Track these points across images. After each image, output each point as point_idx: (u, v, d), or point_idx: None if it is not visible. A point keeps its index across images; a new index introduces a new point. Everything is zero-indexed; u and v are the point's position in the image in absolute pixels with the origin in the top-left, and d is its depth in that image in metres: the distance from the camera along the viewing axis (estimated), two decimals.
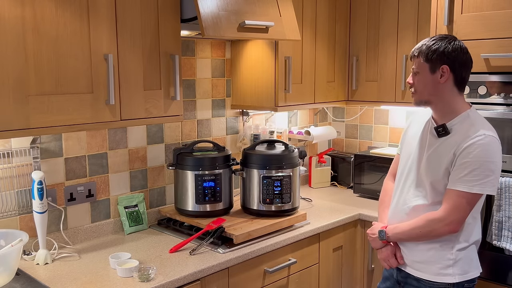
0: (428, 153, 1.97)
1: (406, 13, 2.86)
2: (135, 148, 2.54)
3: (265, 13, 2.37)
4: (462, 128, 1.89)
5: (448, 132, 1.92)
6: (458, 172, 1.85)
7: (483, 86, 2.36)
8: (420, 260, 1.98)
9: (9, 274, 1.79)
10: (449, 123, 1.93)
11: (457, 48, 1.90)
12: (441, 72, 1.90)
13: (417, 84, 1.96)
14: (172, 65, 2.19)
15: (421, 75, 1.94)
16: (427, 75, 1.92)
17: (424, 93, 1.95)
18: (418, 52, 1.94)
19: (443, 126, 1.93)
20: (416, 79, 1.96)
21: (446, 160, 1.89)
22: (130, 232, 2.46)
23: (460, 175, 1.84)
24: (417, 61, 1.94)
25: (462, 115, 1.92)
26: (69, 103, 1.86)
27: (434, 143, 1.96)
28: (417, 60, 1.94)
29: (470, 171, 1.82)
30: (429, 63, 1.91)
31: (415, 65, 1.95)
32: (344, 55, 3.13)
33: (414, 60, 1.96)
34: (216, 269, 2.09)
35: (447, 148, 1.90)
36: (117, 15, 1.98)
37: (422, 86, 1.94)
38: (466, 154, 1.83)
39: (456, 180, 1.86)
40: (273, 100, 2.73)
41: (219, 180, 2.46)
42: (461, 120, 1.91)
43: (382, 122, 3.43)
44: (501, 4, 2.28)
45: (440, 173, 1.91)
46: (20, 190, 2.15)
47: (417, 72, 1.95)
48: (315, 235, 2.56)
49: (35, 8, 1.75)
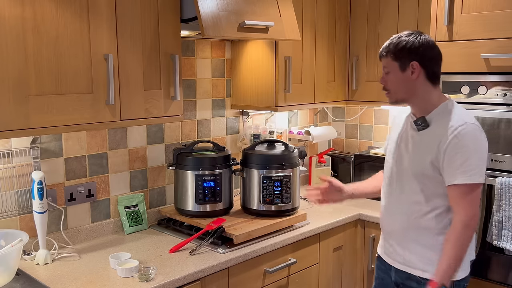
0: (410, 147, 1.96)
1: (406, 13, 2.86)
2: (135, 148, 2.54)
3: (265, 13, 2.37)
4: (442, 119, 1.88)
5: (427, 124, 1.91)
6: (451, 166, 1.82)
7: (483, 86, 2.36)
8: (421, 260, 1.95)
9: (9, 274, 1.79)
10: (428, 116, 1.92)
11: (423, 42, 1.88)
12: (412, 68, 1.88)
13: (389, 84, 1.95)
14: (172, 65, 2.19)
15: (392, 74, 1.93)
16: (397, 74, 1.91)
17: (398, 92, 1.94)
18: (386, 52, 1.92)
19: (422, 118, 1.92)
20: (388, 79, 1.94)
21: (431, 154, 1.87)
22: (130, 232, 2.46)
23: (454, 169, 1.82)
24: (386, 61, 1.93)
25: (440, 107, 1.91)
26: (69, 103, 1.86)
27: (415, 137, 1.95)
28: (386, 59, 1.93)
29: (463, 161, 1.80)
30: (398, 61, 1.90)
31: (385, 65, 1.94)
32: (344, 55, 3.13)
33: (383, 59, 1.95)
34: (216, 269, 2.09)
35: (429, 141, 1.89)
36: (117, 15, 1.98)
37: (395, 85, 1.93)
38: (454, 146, 1.81)
39: (453, 175, 1.82)
40: (273, 100, 2.73)
41: (219, 180, 2.46)
42: (439, 112, 1.90)
43: (382, 122, 3.43)
44: (501, 4, 2.28)
45: (424, 165, 1.89)
46: (20, 190, 2.15)
47: (388, 72, 1.93)
48: (315, 235, 2.56)
49: (35, 8, 1.75)
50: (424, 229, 1.94)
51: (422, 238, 1.94)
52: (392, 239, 2.06)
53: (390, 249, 2.07)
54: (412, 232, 1.97)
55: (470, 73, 2.37)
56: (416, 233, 1.96)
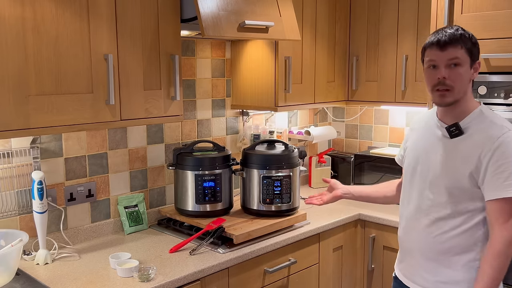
0: (441, 156, 1.76)
1: (406, 13, 2.86)
2: (135, 148, 2.54)
3: (265, 13, 2.37)
4: (480, 126, 1.70)
5: (462, 131, 1.71)
6: (497, 178, 1.63)
7: (483, 86, 2.36)
8: (444, 281, 1.77)
9: (9, 274, 1.79)
10: (462, 122, 1.72)
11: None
12: (475, 68, 1.70)
13: (455, 79, 1.65)
14: (172, 65, 2.19)
15: (462, 68, 1.65)
16: (467, 70, 1.66)
17: (461, 91, 1.68)
18: (458, 39, 1.63)
19: (456, 125, 1.72)
20: (455, 73, 1.65)
21: (470, 164, 1.68)
22: (130, 232, 2.46)
23: (501, 182, 1.62)
24: (457, 51, 1.64)
25: (475, 112, 1.72)
26: (69, 103, 1.86)
27: (447, 145, 1.76)
28: (455, 49, 1.64)
29: (510, 173, 1.61)
30: (470, 56, 1.66)
31: (456, 56, 1.65)
32: (344, 55, 3.13)
33: (450, 49, 1.64)
34: (216, 269, 2.09)
35: (468, 150, 1.70)
36: (117, 15, 1.98)
37: (461, 83, 1.66)
38: (499, 156, 1.63)
39: (498, 188, 1.63)
40: (273, 100, 2.73)
41: (219, 180, 2.46)
42: (475, 118, 1.72)
43: (382, 122, 3.43)
44: (501, 4, 2.28)
45: (460, 177, 1.70)
46: (20, 190, 2.15)
47: (458, 63, 1.65)
48: (315, 235, 2.56)
49: (35, 8, 1.75)
50: (448, 247, 1.76)
51: (446, 257, 1.76)
52: (412, 259, 1.87)
53: (411, 270, 1.88)
54: (435, 251, 1.79)
55: None
56: (439, 252, 1.78)
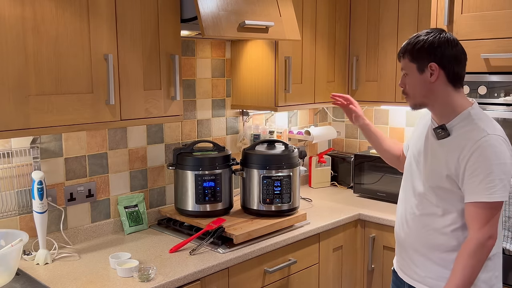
0: (429, 156, 1.83)
1: (406, 13, 2.86)
2: (135, 148, 2.54)
3: (265, 13, 2.37)
4: (464, 129, 1.73)
5: (448, 133, 1.76)
6: (472, 182, 1.67)
7: (483, 86, 2.36)
8: (433, 277, 1.80)
9: (9, 274, 1.79)
10: (449, 124, 1.77)
11: (443, 41, 1.73)
12: (430, 70, 1.74)
13: (408, 87, 1.81)
14: (172, 65, 2.19)
15: (410, 76, 1.79)
16: (416, 76, 1.78)
17: (416, 96, 1.80)
18: (404, 52, 1.79)
19: (442, 126, 1.77)
20: (407, 81, 1.81)
21: (449, 166, 1.73)
22: (130, 232, 2.46)
23: (476, 185, 1.66)
24: (404, 62, 1.80)
25: (462, 114, 1.75)
26: (69, 103, 1.86)
27: (434, 145, 1.82)
28: (404, 61, 1.80)
29: (484, 177, 1.65)
30: (415, 63, 1.76)
31: (403, 67, 1.81)
32: (344, 55, 3.13)
33: (401, 61, 1.82)
34: (216, 269, 2.09)
35: (449, 152, 1.74)
36: (117, 15, 1.98)
37: (413, 89, 1.80)
38: (475, 159, 1.66)
39: (473, 191, 1.67)
40: (273, 100, 2.73)
41: (219, 180, 2.46)
42: (461, 120, 1.75)
43: (382, 122, 3.43)
44: (501, 4, 2.28)
45: (440, 178, 1.76)
46: (20, 190, 2.15)
47: (406, 74, 1.81)
48: (315, 235, 2.56)
49: (35, 8, 1.75)
50: (438, 244, 1.79)
51: (435, 253, 1.80)
52: (405, 253, 1.92)
53: (404, 263, 1.93)
54: (425, 247, 1.83)
55: (470, 73, 2.37)
56: (430, 248, 1.81)
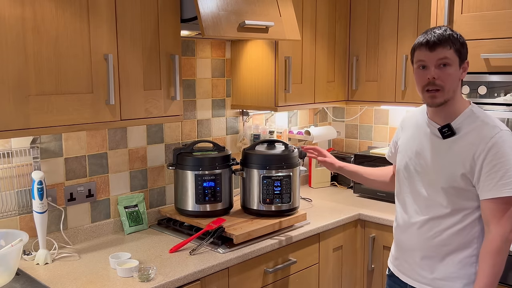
0: (435, 156, 1.78)
1: (406, 13, 2.86)
2: (135, 148, 2.54)
3: (265, 13, 2.37)
4: (472, 126, 1.72)
5: (454, 132, 1.73)
6: (492, 178, 1.65)
7: (483, 86, 2.36)
8: (441, 277, 1.78)
9: (9, 274, 1.79)
10: (453, 122, 1.74)
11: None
12: (464, 67, 1.72)
13: (445, 79, 1.67)
14: (172, 65, 2.19)
15: (452, 68, 1.68)
16: (456, 69, 1.69)
17: (450, 90, 1.70)
18: (447, 39, 1.66)
19: (448, 126, 1.74)
20: (445, 73, 1.67)
21: (463, 164, 1.70)
22: (130, 232, 2.46)
23: (496, 181, 1.64)
24: (446, 51, 1.67)
25: (466, 112, 1.74)
26: (69, 103, 1.86)
27: (440, 145, 1.78)
28: (444, 49, 1.66)
29: (504, 173, 1.63)
30: (459, 56, 1.69)
31: (445, 56, 1.67)
32: (344, 55, 3.13)
33: (439, 50, 1.67)
34: (216, 269, 2.09)
35: (461, 151, 1.71)
36: (117, 15, 1.98)
37: (451, 82, 1.69)
38: (493, 156, 1.65)
39: (493, 187, 1.65)
40: (273, 100, 2.73)
41: (219, 180, 2.46)
42: (466, 118, 1.74)
43: (382, 122, 3.43)
44: (501, 4, 2.28)
45: (455, 177, 1.72)
46: (20, 190, 2.15)
47: (447, 64, 1.67)
48: (315, 235, 2.56)
49: (35, 8, 1.75)
50: (446, 244, 1.77)
51: (443, 254, 1.78)
52: (409, 257, 1.88)
53: (407, 267, 1.89)
54: (433, 250, 1.80)
55: (470, 73, 2.37)
56: (437, 250, 1.79)
